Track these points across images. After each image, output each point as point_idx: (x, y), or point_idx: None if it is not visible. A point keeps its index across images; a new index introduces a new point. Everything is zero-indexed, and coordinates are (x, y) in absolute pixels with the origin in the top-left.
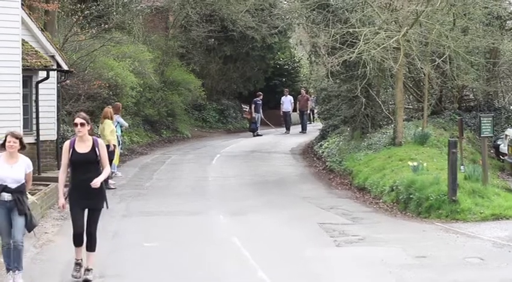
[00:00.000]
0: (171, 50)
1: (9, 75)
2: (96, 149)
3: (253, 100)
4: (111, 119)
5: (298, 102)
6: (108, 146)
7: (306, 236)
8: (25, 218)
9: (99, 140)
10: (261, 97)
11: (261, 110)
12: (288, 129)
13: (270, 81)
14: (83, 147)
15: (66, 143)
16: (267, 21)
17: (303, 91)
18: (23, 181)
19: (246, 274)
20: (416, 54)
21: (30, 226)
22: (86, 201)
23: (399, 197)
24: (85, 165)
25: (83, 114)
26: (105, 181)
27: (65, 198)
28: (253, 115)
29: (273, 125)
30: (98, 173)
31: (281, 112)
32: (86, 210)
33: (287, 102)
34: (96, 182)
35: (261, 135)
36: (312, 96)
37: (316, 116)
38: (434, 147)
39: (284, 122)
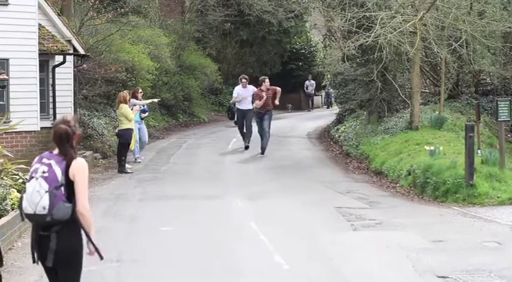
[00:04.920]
0: (187, 34)
1: (26, 59)
2: None
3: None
4: (126, 103)
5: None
6: (123, 133)
7: (323, 220)
8: None
9: None
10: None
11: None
12: (245, 140)
13: (286, 66)
14: None
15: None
16: (283, 5)
17: (266, 82)
18: None
19: (263, 258)
20: (433, 38)
21: None
22: None
23: (416, 181)
24: None
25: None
26: (122, 165)
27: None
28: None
29: (290, 109)
30: None
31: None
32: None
33: (246, 95)
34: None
35: None
36: (310, 80)
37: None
38: (451, 131)
39: (239, 128)
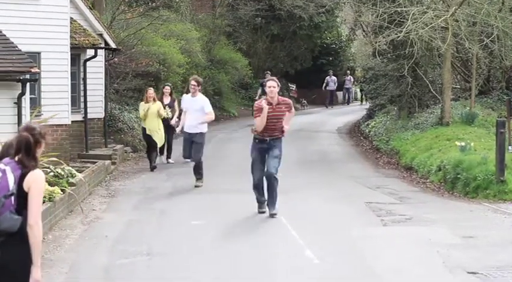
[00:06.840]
0: (218, 29)
1: (57, 53)
2: None
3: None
4: (145, 100)
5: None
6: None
7: (353, 215)
8: None
9: None
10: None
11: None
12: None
13: (317, 61)
14: None
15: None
16: (314, 0)
17: (269, 85)
18: None
19: (293, 253)
20: (465, 34)
21: None
22: None
23: (446, 177)
24: None
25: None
26: (149, 161)
27: None
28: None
29: (306, 105)
30: None
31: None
32: None
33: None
34: None
35: None
36: (331, 76)
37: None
38: (481, 127)
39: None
